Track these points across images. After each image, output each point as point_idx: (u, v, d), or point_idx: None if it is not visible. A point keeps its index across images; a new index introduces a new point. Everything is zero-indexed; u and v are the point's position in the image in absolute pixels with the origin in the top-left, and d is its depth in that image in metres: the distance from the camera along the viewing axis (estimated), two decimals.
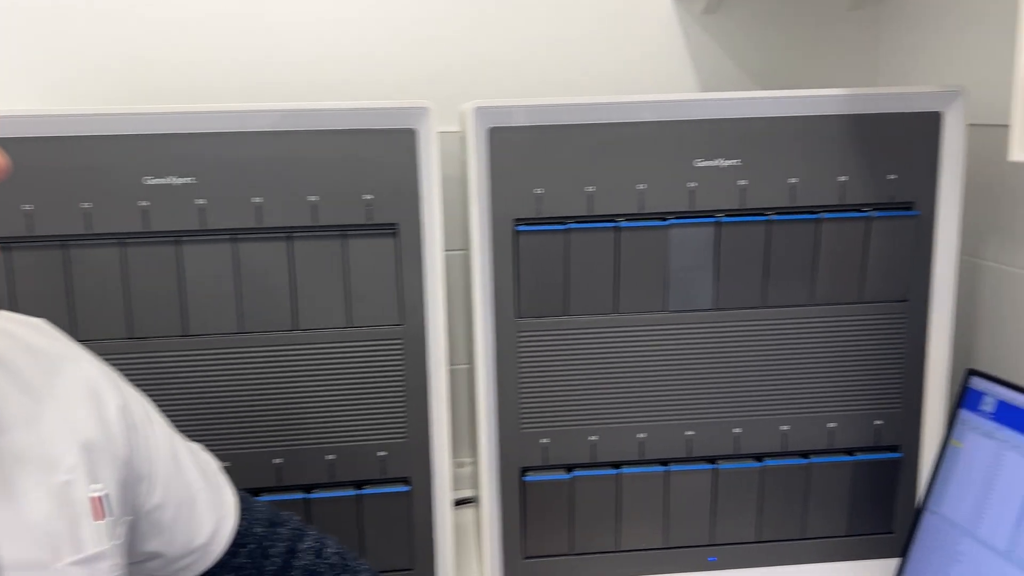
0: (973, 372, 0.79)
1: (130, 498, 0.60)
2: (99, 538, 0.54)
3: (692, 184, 0.87)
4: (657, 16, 1.16)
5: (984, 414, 0.76)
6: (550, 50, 1.14)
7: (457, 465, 1.21)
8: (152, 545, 0.63)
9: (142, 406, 0.65)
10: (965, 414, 0.78)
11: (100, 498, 0.55)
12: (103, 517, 0.55)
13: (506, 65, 1.14)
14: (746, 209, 0.88)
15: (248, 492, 0.74)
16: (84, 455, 0.56)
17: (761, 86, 1.20)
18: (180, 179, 0.82)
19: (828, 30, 1.20)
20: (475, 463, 0.99)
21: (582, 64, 1.15)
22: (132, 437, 0.61)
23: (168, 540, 0.64)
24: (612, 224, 0.87)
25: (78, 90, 1.06)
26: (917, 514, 0.81)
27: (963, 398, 0.79)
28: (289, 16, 1.08)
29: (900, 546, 0.87)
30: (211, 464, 0.70)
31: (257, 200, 0.83)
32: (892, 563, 0.87)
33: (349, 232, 0.85)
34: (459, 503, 1.15)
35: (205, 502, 0.66)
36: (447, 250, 0.86)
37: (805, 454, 0.94)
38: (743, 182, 0.87)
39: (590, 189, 0.86)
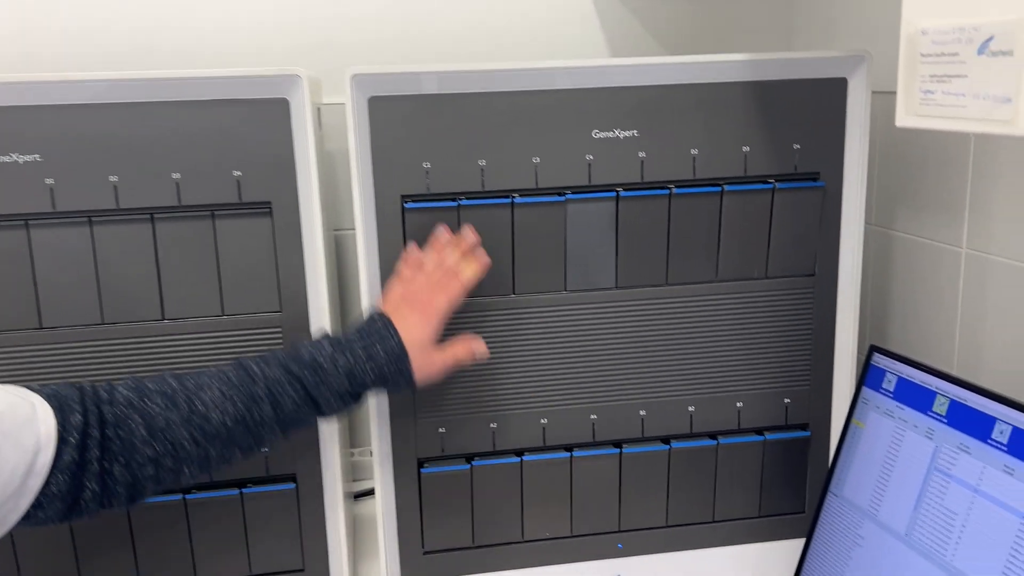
0: (876, 349, 0.76)
1: None
2: None
3: (589, 157, 0.82)
4: None
5: (886, 392, 0.73)
6: (450, 15, 1.08)
7: (368, 454, 1.16)
8: None
9: None
10: (868, 392, 0.75)
11: None
12: None
13: (399, 31, 1.07)
14: (646, 183, 0.84)
15: None
16: None
17: (672, 54, 1.15)
18: (24, 156, 0.74)
19: None
20: None
21: (485, 30, 1.09)
22: None
23: None
24: (506, 200, 0.82)
25: None
26: (821, 497, 0.78)
27: (865, 376, 0.76)
28: None
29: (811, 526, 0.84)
30: (18, 408, 0.60)
31: (113, 179, 0.76)
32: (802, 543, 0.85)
33: (218, 212, 0.78)
34: (364, 495, 1.10)
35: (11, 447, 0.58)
36: (340, 230, 0.80)
37: (713, 435, 0.91)
38: (643, 154, 0.83)
39: (482, 163, 0.81)
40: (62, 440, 0.60)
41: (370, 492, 1.10)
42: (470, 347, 0.79)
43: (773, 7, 1.17)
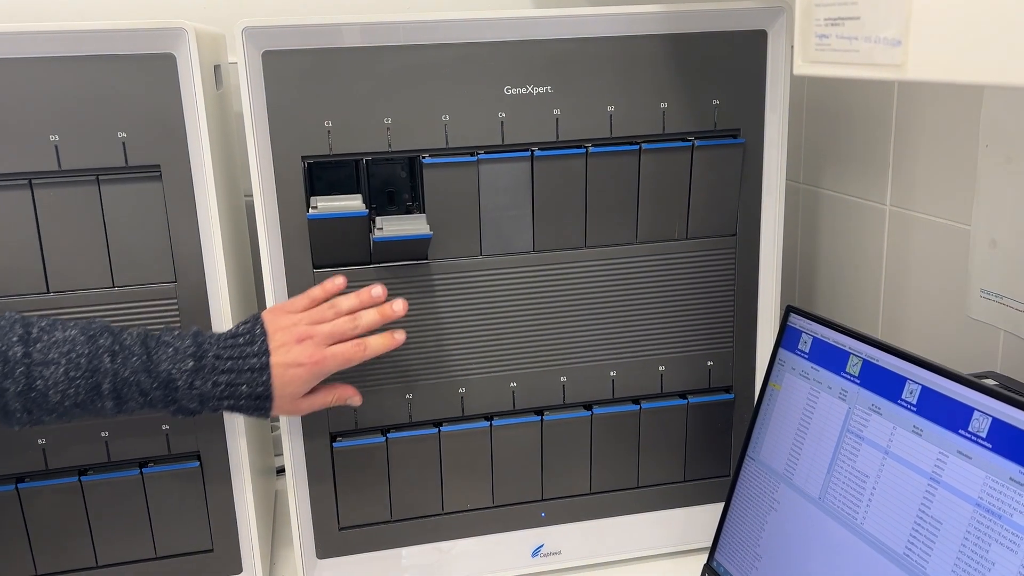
0: (792, 309, 0.74)
1: None
2: None
3: (502, 115, 0.79)
4: None
5: (801, 354, 0.72)
6: None
7: None
8: None
9: None
10: (784, 354, 0.74)
11: None
12: None
13: None
14: (562, 142, 0.80)
15: None
16: None
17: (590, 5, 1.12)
18: None
19: None
20: None
21: None
22: None
23: None
24: (414, 160, 0.78)
25: None
26: (740, 461, 0.77)
27: (782, 337, 0.74)
28: None
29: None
30: None
31: None
32: None
33: (103, 176, 0.73)
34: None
35: None
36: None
37: (636, 400, 0.89)
38: (557, 111, 0.79)
39: (387, 121, 0.77)
40: None
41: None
42: (343, 395, 0.76)
43: None
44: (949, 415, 0.57)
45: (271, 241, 0.77)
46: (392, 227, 0.78)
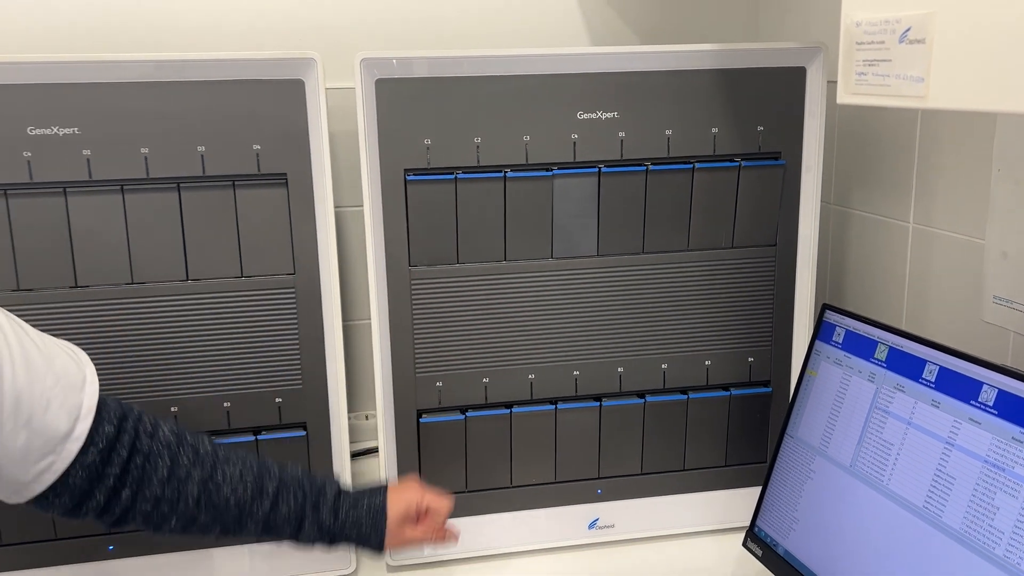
0: (828, 307, 0.85)
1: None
2: None
3: (575, 136, 0.91)
4: None
5: (835, 344, 0.83)
6: (442, 3, 1.17)
7: (364, 418, 1.24)
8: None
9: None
10: (820, 345, 0.85)
11: None
12: None
13: (397, 19, 1.15)
14: (625, 160, 0.93)
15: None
16: None
17: (647, 42, 1.25)
18: (64, 129, 0.82)
19: None
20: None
21: (475, 17, 1.18)
22: None
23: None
24: (499, 174, 0.91)
25: None
26: (780, 439, 0.88)
27: (818, 331, 0.86)
28: None
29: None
30: (69, 370, 0.67)
31: (144, 150, 0.84)
32: None
33: (239, 182, 0.86)
34: (365, 453, 1.19)
35: (58, 406, 0.65)
36: (350, 206, 0.87)
37: (684, 390, 1.00)
38: (622, 134, 0.92)
39: (477, 140, 0.90)
40: (91, 439, 0.66)
41: (364, 453, 1.18)
42: (443, 536, 0.86)
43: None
44: (962, 389, 0.68)
45: (376, 241, 0.90)
46: None
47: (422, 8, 1.16)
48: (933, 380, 0.71)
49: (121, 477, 0.69)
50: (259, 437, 0.92)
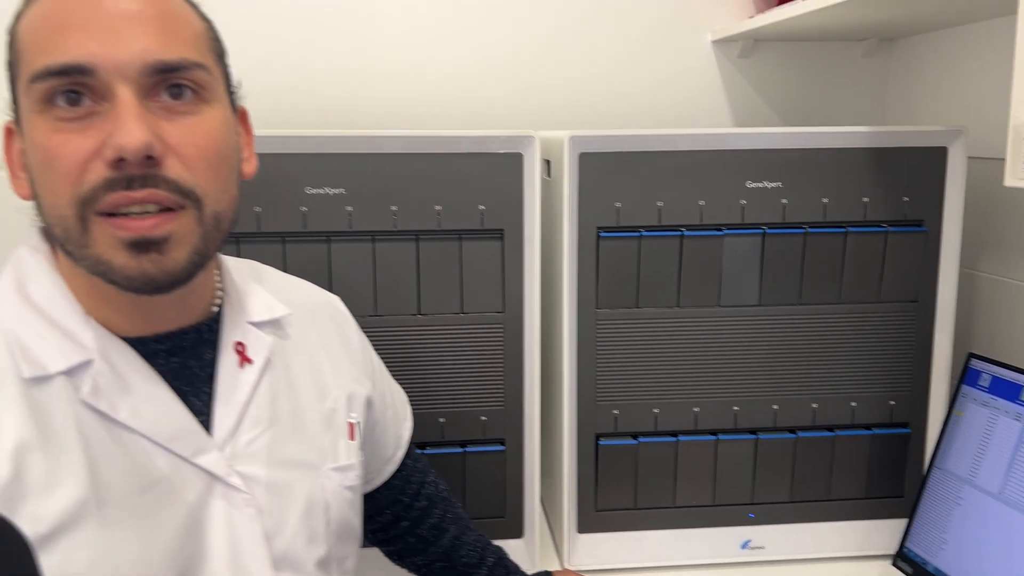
0: (973, 355, 0.98)
1: (368, 429, 0.80)
2: (350, 453, 0.72)
3: (743, 201, 1.07)
4: (700, 59, 1.37)
5: (981, 388, 0.95)
6: (608, 86, 1.35)
7: None
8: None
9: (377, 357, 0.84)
10: (966, 389, 0.97)
11: (354, 424, 0.73)
12: (354, 439, 0.73)
13: (570, 98, 1.34)
14: (787, 223, 1.08)
15: None
16: (345, 392, 0.75)
17: (786, 121, 1.40)
18: (334, 189, 1.01)
19: (844, 73, 1.41)
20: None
21: (636, 99, 1.36)
22: (377, 383, 0.81)
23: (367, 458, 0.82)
24: (677, 233, 1.07)
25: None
26: (927, 472, 1.00)
27: (964, 376, 0.98)
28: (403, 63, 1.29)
29: (909, 507, 1.06)
30: (398, 400, 0.89)
31: (393, 208, 1.02)
32: (901, 522, 1.06)
33: (465, 235, 1.04)
34: None
35: (393, 428, 0.85)
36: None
37: (831, 428, 1.13)
38: (784, 200, 1.07)
39: (660, 204, 1.06)
40: (401, 468, 0.87)
41: None
42: None
43: (871, 81, 1.41)
44: None
45: (571, 287, 1.07)
46: None
47: (595, 93, 1.34)
48: None
49: (407, 509, 0.87)
50: (466, 449, 1.08)
